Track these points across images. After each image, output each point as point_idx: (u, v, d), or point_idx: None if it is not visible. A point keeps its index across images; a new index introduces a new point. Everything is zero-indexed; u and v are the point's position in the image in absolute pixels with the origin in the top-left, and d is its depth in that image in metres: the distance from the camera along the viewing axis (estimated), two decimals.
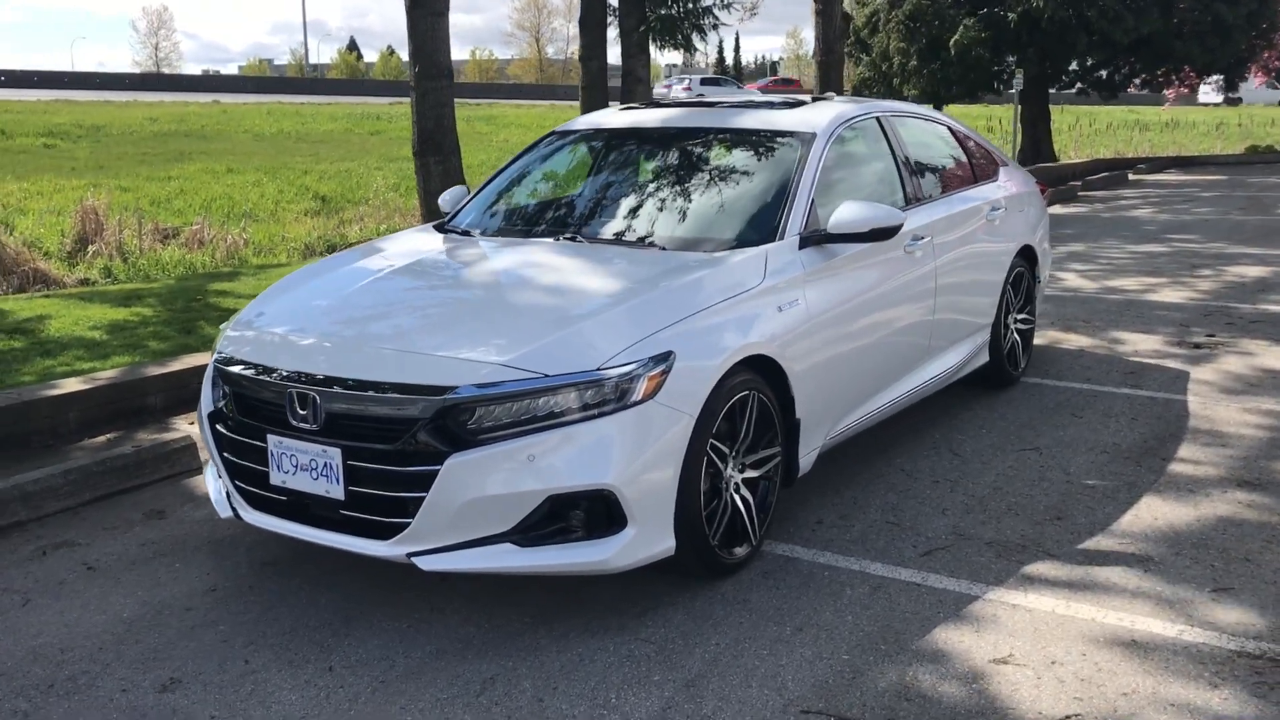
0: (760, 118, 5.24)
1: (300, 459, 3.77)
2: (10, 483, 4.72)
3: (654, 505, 3.71)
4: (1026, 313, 6.65)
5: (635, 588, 4.01)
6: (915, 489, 4.99)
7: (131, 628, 3.80)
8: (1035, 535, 4.48)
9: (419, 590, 4.01)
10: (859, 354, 4.81)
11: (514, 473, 3.56)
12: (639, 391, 3.66)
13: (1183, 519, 4.63)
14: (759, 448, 4.20)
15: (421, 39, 11.82)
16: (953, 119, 6.52)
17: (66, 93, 41.11)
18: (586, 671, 3.50)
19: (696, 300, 4.01)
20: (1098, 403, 6.25)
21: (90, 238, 13.56)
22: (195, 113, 31.57)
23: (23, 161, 21.80)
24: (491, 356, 3.65)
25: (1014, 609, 3.88)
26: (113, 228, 13.67)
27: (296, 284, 4.58)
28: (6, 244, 12.17)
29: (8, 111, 29.41)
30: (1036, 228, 6.75)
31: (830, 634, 3.72)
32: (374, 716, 3.27)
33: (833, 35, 18.83)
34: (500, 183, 5.50)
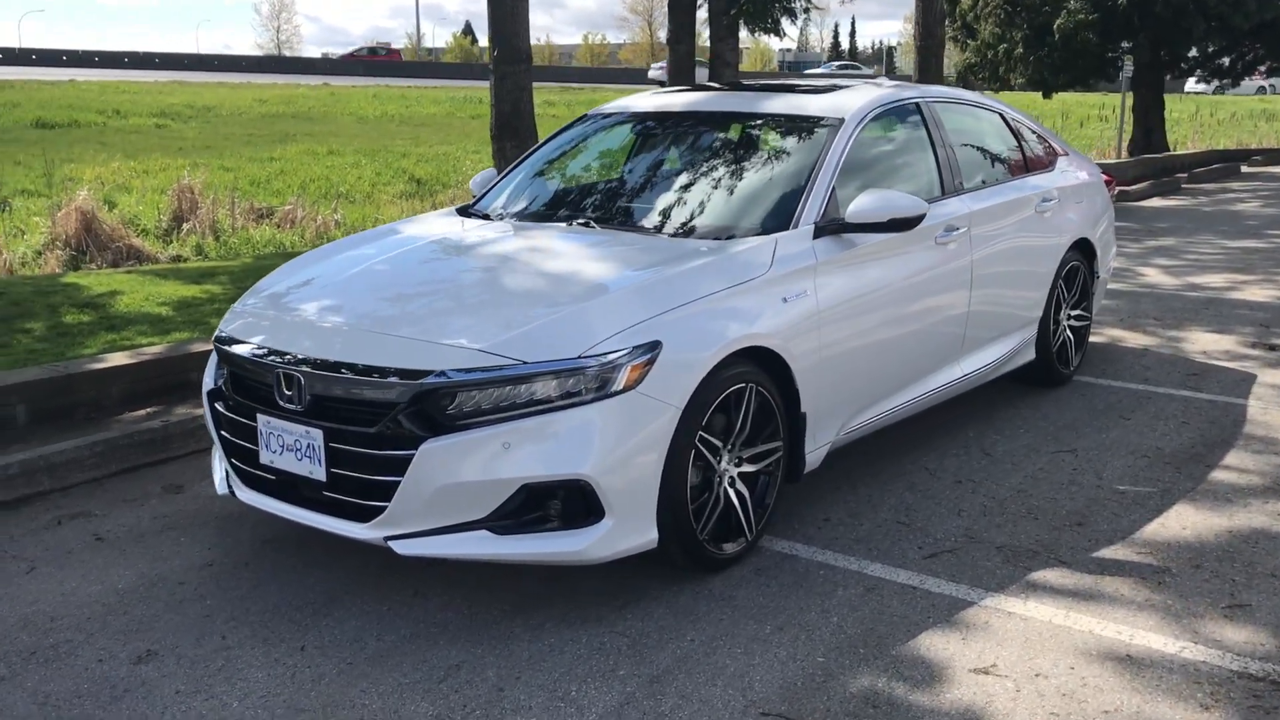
0: (790, 102, 5.11)
1: (286, 439, 3.79)
2: (37, 453, 4.86)
3: (634, 497, 3.65)
4: (1082, 309, 6.39)
5: (622, 579, 3.96)
6: (934, 489, 4.83)
7: (123, 599, 3.87)
8: (1050, 541, 4.31)
9: (405, 573, 4.01)
10: (879, 348, 4.67)
11: (489, 460, 3.53)
12: (621, 381, 3.60)
13: (1212, 530, 4.41)
14: (758, 442, 4.10)
15: (501, 22, 11.85)
16: (1008, 106, 6.29)
17: (184, 75, 42.40)
18: (553, 662, 3.46)
19: (692, 289, 3.93)
20: (1150, 405, 5.99)
21: (185, 216, 13.91)
22: (304, 95, 32.26)
23: (134, 141, 22.53)
24: (472, 342, 3.63)
25: (1009, 617, 3.73)
26: (207, 206, 14.02)
27: (304, 265, 4.62)
28: (104, 220, 12.56)
29: (125, 92, 30.42)
30: (1097, 221, 6.48)
31: (810, 635, 3.62)
32: (334, 698, 3.28)
33: (933, 19, 18.37)
34: (527, 166, 5.47)
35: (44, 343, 6.70)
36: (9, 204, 14.76)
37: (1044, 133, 6.45)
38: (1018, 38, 20.61)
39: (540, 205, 5.10)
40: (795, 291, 4.22)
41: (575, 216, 4.81)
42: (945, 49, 23.67)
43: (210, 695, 3.29)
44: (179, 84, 34.86)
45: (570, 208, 4.99)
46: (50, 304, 7.81)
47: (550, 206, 5.07)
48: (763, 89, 5.47)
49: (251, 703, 3.26)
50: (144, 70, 43.15)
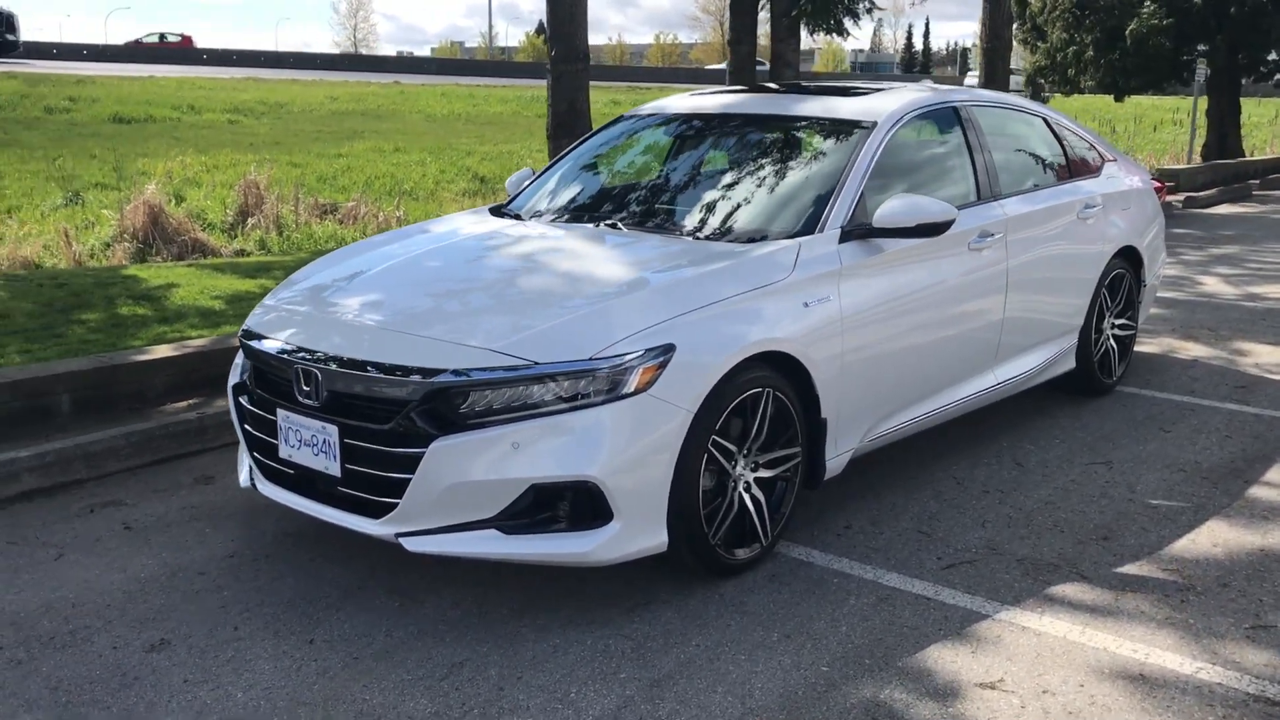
0: (823, 105, 5.07)
1: (304, 434, 3.84)
2: (74, 442, 4.97)
3: (643, 500, 3.64)
4: (1126, 318, 6.27)
5: (633, 582, 3.96)
6: (960, 499, 4.77)
7: (144, 588, 3.95)
8: (1074, 555, 4.23)
9: (420, 570, 4.04)
10: (906, 354, 4.62)
11: (498, 459, 3.54)
12: (632, 383, 3.60)
13: (1244, 547, 4.30)
14: (775, 447, 4.07)
15: (560, 22, 11.89)
16: (1053, 111, 6.18)
17: (260, 71, 43.06)
18: (555, 663, 3.47)
19: (710, 292, 3.91)
20: (1193, 417, 5.85)
21: (250, 211, 14.13)
22: (374, 93, 32.58)
23: (206, 136, 22.93)
24: (484, 342, 3.64)
25: (1022, 631, 3.67)
26: (272, 201, 14.23)
27: (332, 263, 4.68)
28: (170, 214, 12.80)
29: (200, 88, 30.95)
30: (1145, 229, 6.35)
31: (817, 643, 3.59)
32: (336, 692, 3.31)
33: (1000, 21, 18.13)
34: (561, 166, 5.49)
35: (98, 333, 6.84)
36: (81, 197, 15.10)
37: (1091, 138, 6.33)
38: (1088, 40, 20.25)
39: (570, 206, 5.11)
40: (818, 296, 4.18)
41: (603, 218, 4.81)
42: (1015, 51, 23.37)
43: (216, 685, 3.34)
44: (254, 81, 35.40)
45: (598, 209, 5.00)
46: (108, 295, 7.98)
47: (579, 207, 5.08)
48: (799, 91, 5.43)
49: (255, 694, 3.30)
50: (222, 67, 43.99)
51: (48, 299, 7.85)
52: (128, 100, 26.57)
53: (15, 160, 17.68)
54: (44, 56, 44.31)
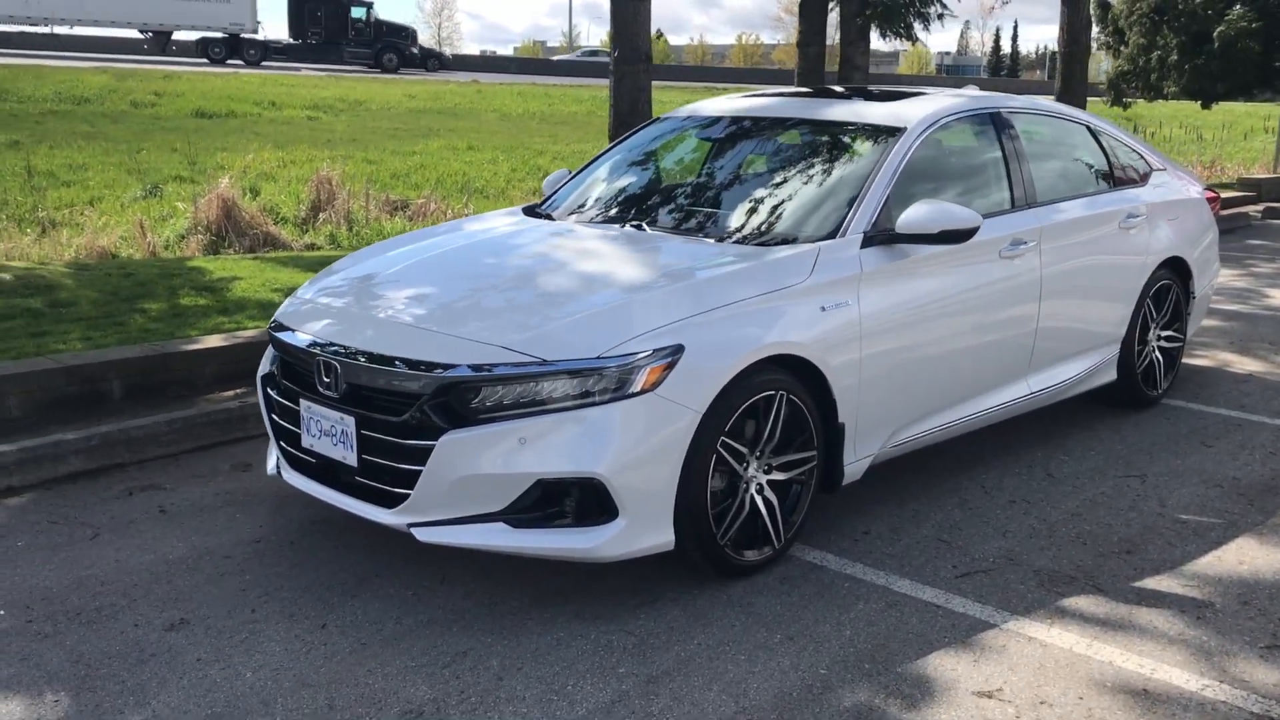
0: (853, 110, 5.07)
1: (324, 424, 3.94)
2: (118, 427, 5.14)
3: (649, 498, 3.68)
4: (1173, 330, 6.16)
5: (644, 579, 3.99)
6: (985, 508, 4.73)
7: (171, 569, 4.08)
8: (1093, 567, 4.18)
9: (436, 561, 4.12)
10: (931, 361, 4.59)
11: (506, 454, 3.60)
12: (639, 383, 3.64)
13: (1272, 566, 4.22)
14: (789, 450, 4.08)
15: (623, 23, 11.97)
16: (1099, 119, 6.10)
17: (341, 69, 43.81)
18: (557, 656, 3.52)
19: (723, 295, 3.94)
20: (1238, 433, 5.74)
21: (322, 206, 14.40)
22: (452, 92, 32.96)
23: (285, 131, 23.39)
24: (495, 339, 3.71)
25: (1029, 642, 3.64)
26: (343, 197, 14.49)
27: (362, 258, 4.78)
28: (244, 208, 13.10)
29: (282, 85, 31.56)
30: (1195, 240, 6.23)
31: (819, 646, 3.60)
32: (341, 675, 3.40)
33: (1079, 24, 17.83)
34: (596, 167, 5.55)
35: (158, 322, 7.05)
36: (160, 189, 15.50)
37: (1140, 147, 6.23)
38: (1172, 44, 19.81)
39: (598, 206, 5.16)
40: (835, 301, 4.19)
41: (630, 219, 4.86)
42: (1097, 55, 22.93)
43: (227, 665, 3.45)
44: (335, 78, 36.01)
45: (626, 210, 5.04)
46: (171, 286, 8.20)
47: (608, 208, 5.13)
48: (833, 95, 5.43)
49: (264, 674, 3.40)
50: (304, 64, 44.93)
51: (113, 288, 8.09)
52: (211, 96, 27.19)
53: (99, 153, 18.17)
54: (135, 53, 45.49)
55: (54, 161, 17.03)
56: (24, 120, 21.71)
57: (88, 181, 15.74)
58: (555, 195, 5.46)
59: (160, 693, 3.30)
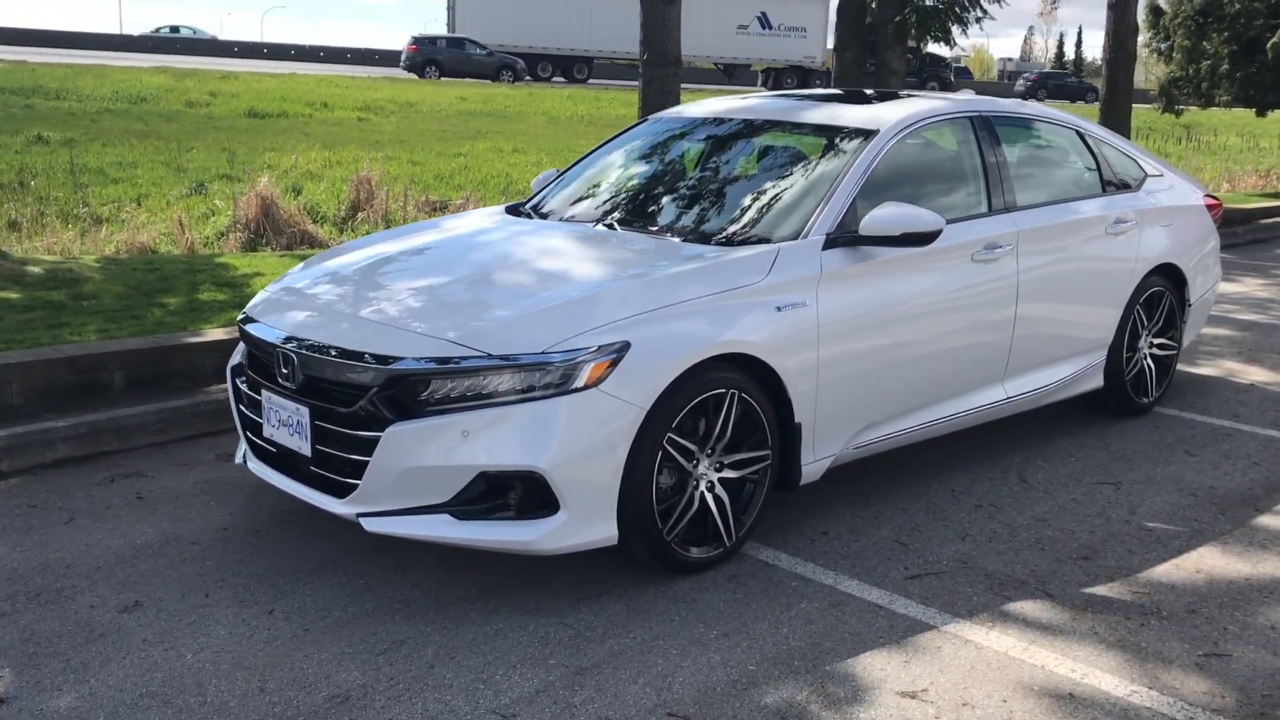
0: (831, 112, 5.08)
1: (282, 415, 4.04)
2: (106, 416, 5.29)
3: (591, 493, 3.73)
4: (1167, 337, 6.09)
5: (596, 573, 4.04)
6: (950, 511, 4.73)
7: (136, 554, 4.20)
8: (1046, 573, 4.17)
9: (396, 551, 4.19)
10: (897, 363, 4.60)
11: (449, 447, 3.67)
12: (583, 378, 3.69)
13: (1229, 575, 4.18)
14: (741, 448, 4.11)
15: (652, 27, 12.07)
16: (1091, 124, 6.05)
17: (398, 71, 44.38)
18: (491, 646, 3.58)
19: (674, 293, 3.98)
20: (1226, 442, 5.67)
21: (362, 205, 14.62)
22: (504, 94, 33.23)
23: (335, 132, 23.72)
24: (443, 332, 3.79)
25: (964, 644, 3.65)
26: (382, 197, 14.69)
27: (337, 253, 4.89)
28: (281, 206, 13.34)
29: (336, 86, 32.02)
30: (1190, 247, 6.16)
31: (753, 643, 3.63)
32: (277, 660, 3.48)
33: (1125, 31, 17.59)
34: (580, 167, 5.61)
35: (174, 316, 7.21)
36: (205, 187, 15.80)
37: (1135, 152, 6.17)
38: (1223, 53, 19.45)
39: (575, 205, 5.22)
40: (792, 301, 4.21)
41: (602, 218, 4.92)
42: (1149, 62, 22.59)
43: (170, 646, 3.55)
44: (389, 80, 36.51)
45: (600, 209, 5.10)
46: (194, 281, 8.38)
47: (584, 207, 5.18)
48: (816, 98, 5.44)
49: (204, 656, 3.50)
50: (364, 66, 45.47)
51: (137, 282, 8.28)
52: (265, 96, 27.62)
53: (150, 151, 18.51)
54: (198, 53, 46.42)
55: (105, 159, 17.39)
56: (80, 119, 22.18)
57: (136, 179, 16.04)
58: (540, 194, 5.53)
59: (101, 671, 3.40)
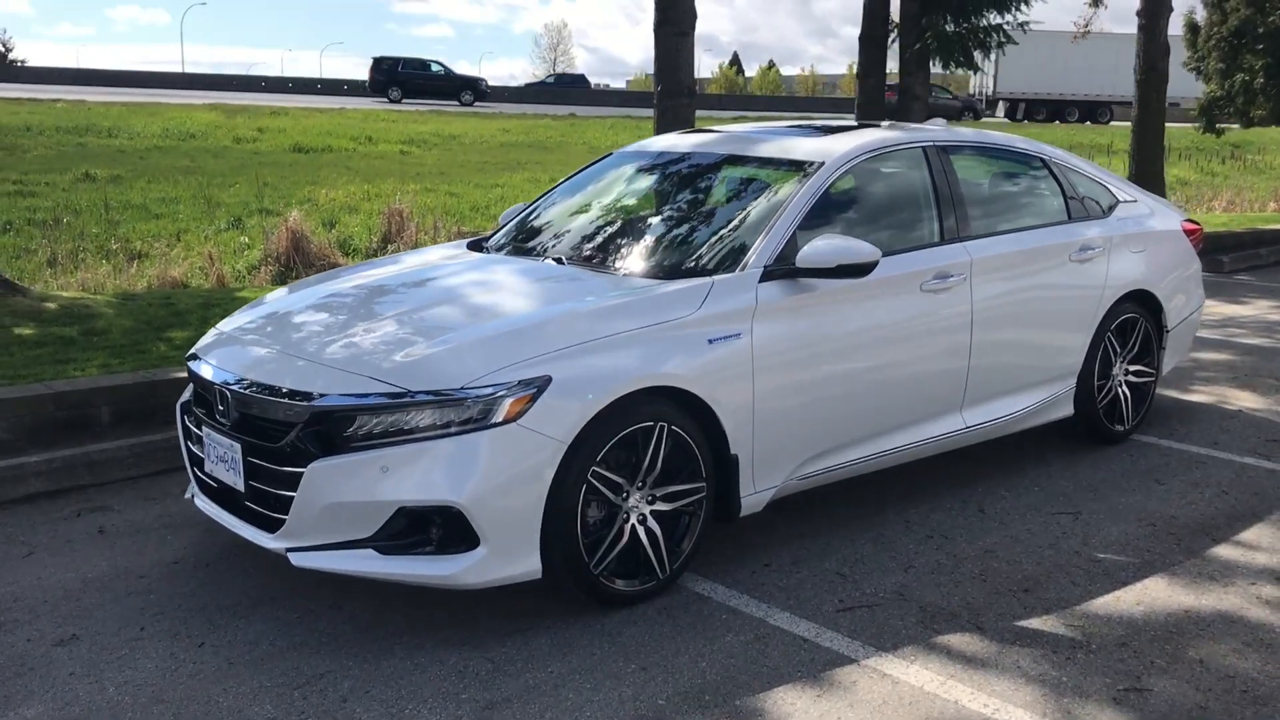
0: (783, 145, 5.11)
1: (219, 451, 4.13)
2: (80, 450, 5.42)
3: (511, 528, 3.77)
4: (1143, 364, 6.02)
5: (530, 606, 4.07)
6: (899, 542, 4.70)
7: (85, 587, 4.29)
8: (982, 605, 4.13)
9: (337, 586, 4.25)
10: (841, 395, 4.60)
11: (369, 482, 3.73)
12: (501, 413, 3.74)
13: (1169, 608, 4.12)
14: (675, 481, 4.13)
15: (665, 58, 12.14)
16: (1059, 151, 6.00)
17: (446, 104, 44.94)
18: (408, 681, 3.62)
19: (600, 327, 4.02)
20: (1199, 470, 5.58)
21: (393, 237, 14.87)
22: (547, 125, 33.57)
23: (376, 165, 24.10)
24: (367, 369, 3.85)
25: (882, 679, 3.63)
26: (412, 229, 14.91)
27: (289, 290, 4.99)
28: (311, 240, 13.61)
29: (383, 120, 32.52)
30: (1167, 272, 6.09)
31: (669, 677, 3.63)
32: (195, 693, 3.55)
33: (1156, 51, 17.36)
34: (543, 201, 5.68)
35: (178, 350, 7.35)
36: (242, 222, 16.13)
37: (1107, 179, 6.11)
38: (1258, 68, 19.19)
39: (529, 239, 5.27)
40: (725, 333, 4.23)
41: (550, 252, 4.97)
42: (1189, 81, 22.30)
43: (95, 680, 3.63)
44: (436, 113, 36.99)
45: (551, 243, 5.15)
46: (205, 316, 8.54)
47: (536, 241, 5.24)
48: (777, 131, 5.47)
49: (126, 690, 3.57)
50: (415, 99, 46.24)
51: (149, 317, 8.47)
52: (311, 131, 28.12)
53: (194, 186, 18.91)
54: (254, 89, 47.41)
55: (148, 195, 17.80)
56: (130, 156, 22.73)
57: (177, 214, 16.40)
58: (504, 227, 5.60)
59: (22, 705, 3.48)
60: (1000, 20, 15.41)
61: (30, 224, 14.82)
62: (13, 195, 16.76)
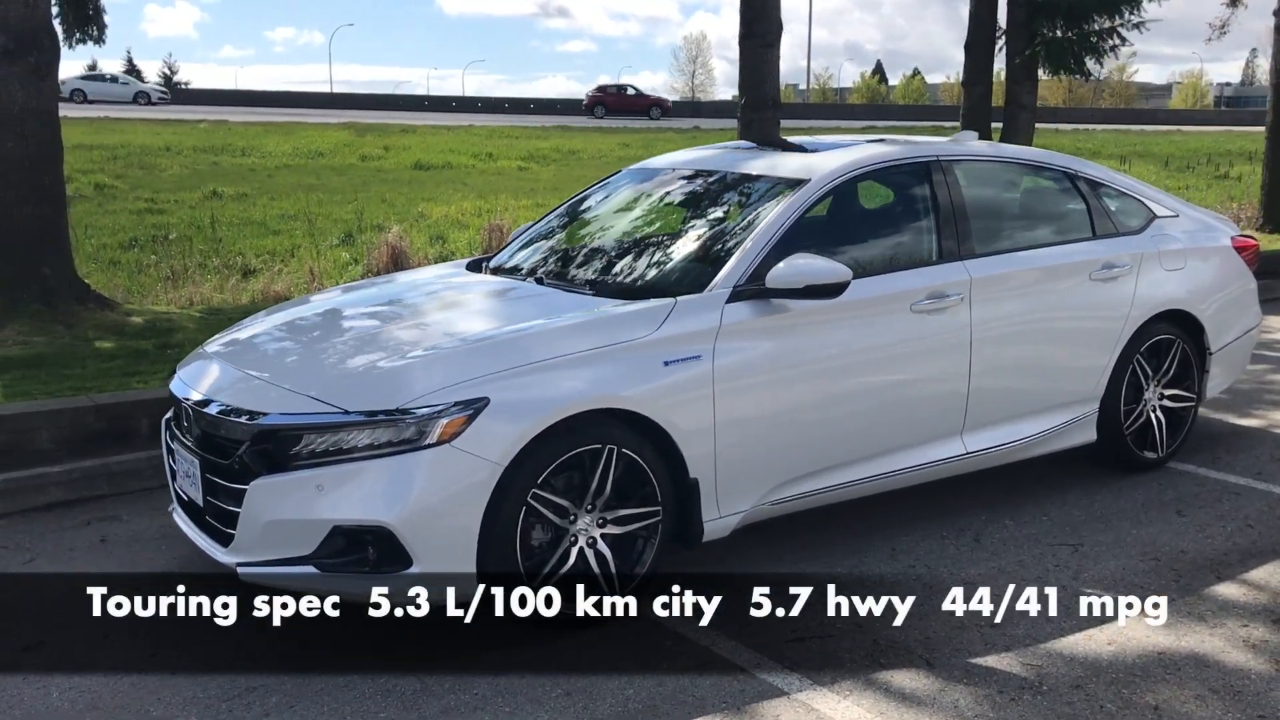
0: (772, 162, 5.02)
1: (185, 467, 4.25)
2: (100, 462, 5.64)
3: (445, 548, 3.77)
4: (1182, 388, 5.69)
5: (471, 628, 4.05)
6: (878, 571, 4.56)
7: (71, 595, 4.40)
8: (941, 640, 3.97)
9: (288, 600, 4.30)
10: (816, 419, 4.47)
11: (306, 501, 3.78)
12: (435, 434, 3.75)
13: (1141, 647, 3.89)
14: (627, 504, 4.08)
15: (750, 71, 12.12)
16: (1089, 165, 5.72)
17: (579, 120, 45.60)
18: (333, 697, 3.65)
19: (552, 347, 3.99)
20: (1229, 502, 5.26)
21: (492, 251, 15.11)
22: (666, 138, 33.70)
23: (493, 182, 24.52)
24: (307, 389, 3.91)
25: (808, 713, 3.52)
26: None
27: (278, 308, 5.09)
28: (410, 255, 13.94)
29: (507, 137, 33.10)
30: (1210, 291, 5.75)
31: (590, 703, 3.59)
32: (130, 703, 3.64)
33: None
34: (543, 220, 5.69)
35: None
36: (354, 238, 16.58)
37: (1144, 193, 5.81)
38: None
39: (518, 260, 5.28)
40: (683, 355, 4.16)
41: (533, 272, 4.97)
42: None
43: (43, 684, 3.76)
44: (560, 129, 37.50)
45: (536, 262, 5.15)
46: None
47: (525, 259, 5.24)
48: (773, 147, 5.37)
49: (69, 695, 3.69)
50: (549, 115, 47.16)
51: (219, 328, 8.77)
52: (433, 149, 28.78)
53: (314, 203, 19.50)
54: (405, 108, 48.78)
55: (269, 212, 18.43)
56: (258, 174, 23.58)
57: (294, 231, 16.94)
58: (506, 247, 5.63)
59: None
60: (1112, 24, 14.84)
61: (154, 240, 15.50)
62: (142, 213, 17.53)
